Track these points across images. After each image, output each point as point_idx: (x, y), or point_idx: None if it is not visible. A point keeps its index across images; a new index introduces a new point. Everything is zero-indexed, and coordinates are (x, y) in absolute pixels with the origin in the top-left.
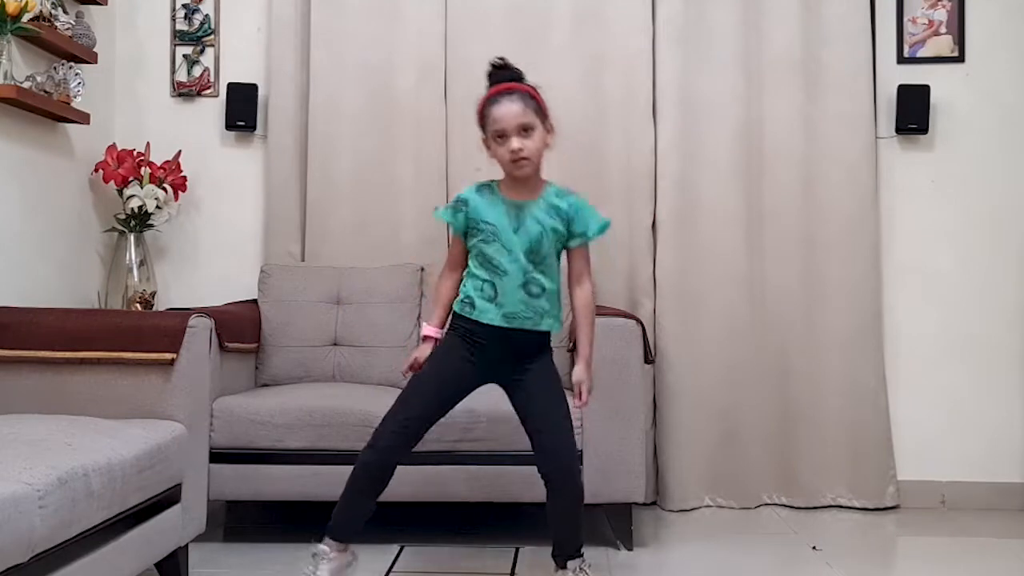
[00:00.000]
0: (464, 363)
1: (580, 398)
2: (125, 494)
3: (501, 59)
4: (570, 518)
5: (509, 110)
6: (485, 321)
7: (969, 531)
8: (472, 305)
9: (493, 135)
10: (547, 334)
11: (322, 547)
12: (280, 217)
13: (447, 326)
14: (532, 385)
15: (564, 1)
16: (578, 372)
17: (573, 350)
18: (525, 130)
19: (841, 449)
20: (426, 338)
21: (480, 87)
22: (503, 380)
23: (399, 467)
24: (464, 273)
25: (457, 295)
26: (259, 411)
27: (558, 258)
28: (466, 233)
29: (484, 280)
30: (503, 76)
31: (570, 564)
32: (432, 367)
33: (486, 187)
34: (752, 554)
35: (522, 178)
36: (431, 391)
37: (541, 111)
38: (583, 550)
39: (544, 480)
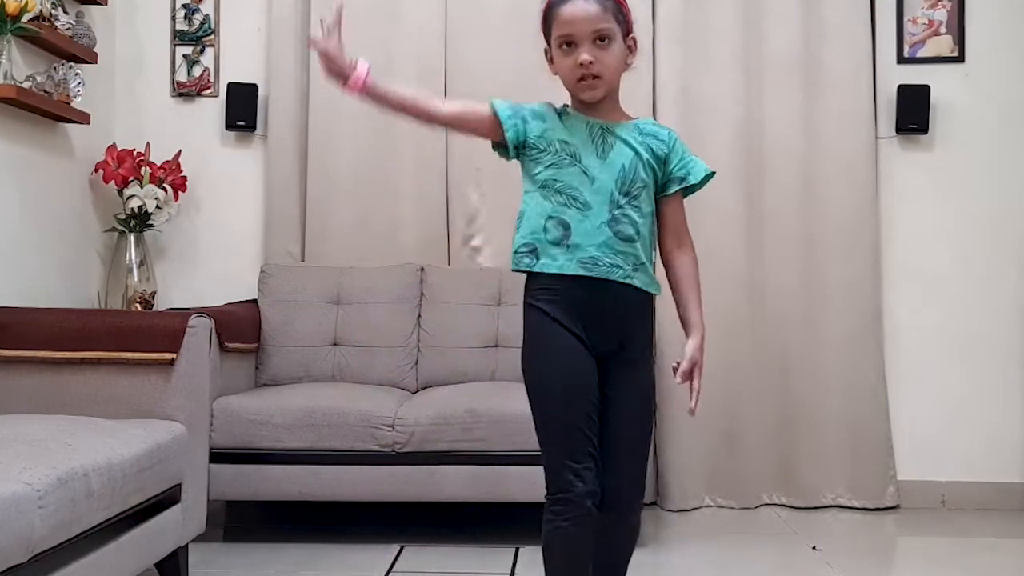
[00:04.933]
0: (574, 340)
1: (692, 380)
2: (125, 494)
3: None
4: (616, 564)
5: (583, 9)
6: (553, 271)
7: (969, 531)
8: (534, 253)
9: (559, 42)
10: (648, 298)
11: None
12: (280, 217)
13: (524, 298)
14: (623, 388)
15: None
16: (691, 348)
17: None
18: (601, 39)
19: (841, 449)
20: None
21: (481, 87)
22: (600, 359)
23: (398, 467)
24: (449, 111)
25: (413, 102)
26: (259, 411)
27: (654, 204)
28: (519, 152)
29: (551, 216)
30: None
31: None
32: (553, 367)
33: (562, 106)
34: (752, 554)
35: (592, 103)
36: (579, 395)
37: (625, 20)
38: None
39: (603, 518)
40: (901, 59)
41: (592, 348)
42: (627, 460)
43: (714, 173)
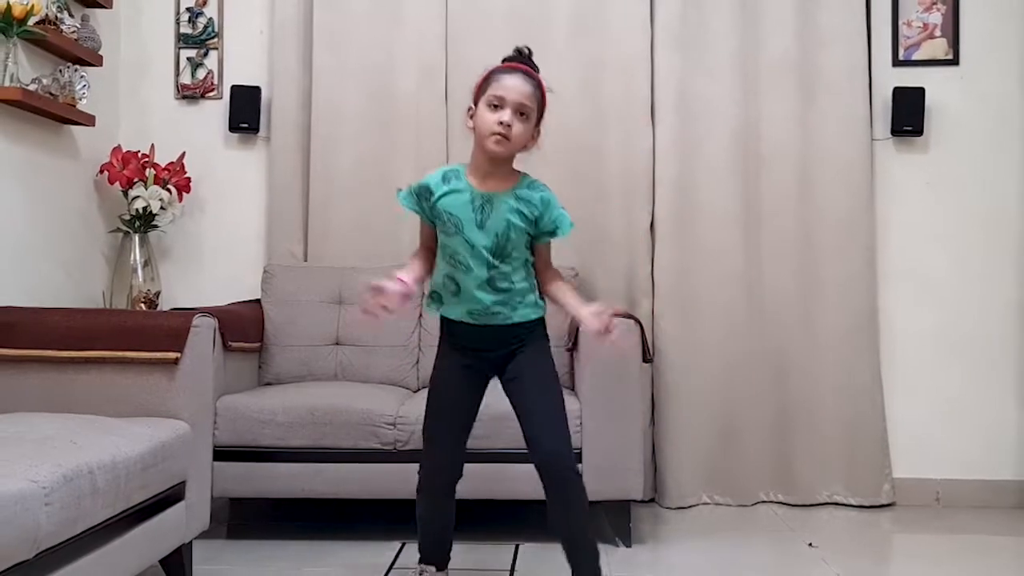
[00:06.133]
0: (456, 372)
1: (608, 329)
2: (130, 491)
3: (528, 48)
4: (573, 525)
5: (520, 85)
6: (453, 317)
7: (964, 528)
8: (439, 300)
9: (488, 100)
10: (530, 324)
11: (423, 565)
12: (283, 218)
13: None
14: (521, 370)
15: (563, 4)
16: (585, 315)
17: (573, 348)
18: (522, 113)
19: (837, 447)
20: (398, 280)
21: None
22: (499, 372)
23: (399, 464)
24: (433, 256)
25: (428, 263)
26: (262, 409)
27: (526, 251)
28: (431, 218)
29: (447, 275)
30: (523, 62)
31: None
32: (439, 389)
33: (452, 172)
34: (749, 551)
35: (494, 163)
36: (443, 428)
37: (541, 109)
38: (600, 563)
39: (539, 475)
40: (896, 62)
41: (482, 366)
42: (547, 419)
43: (573, 225)
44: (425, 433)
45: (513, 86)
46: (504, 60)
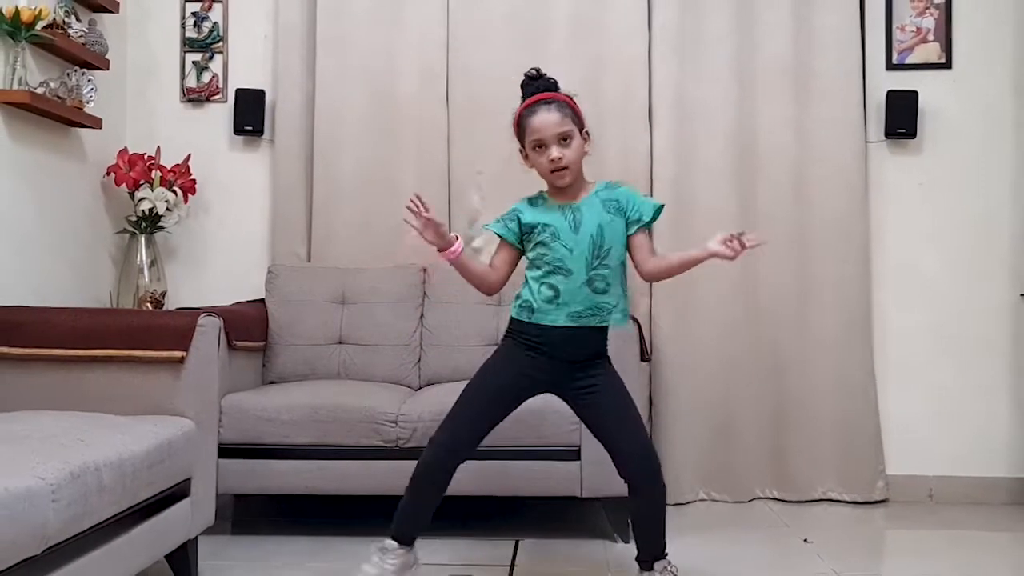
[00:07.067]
0: (520, 377)
1: (742, 244)
2: (136, 488)
3: (535, 70)
4: (655, 520)
5: (548, 120)
6: (547, 323)
7: (956, 524)
8: (531, 309)
9: (532, 145)
10: (605, 335)
11: (389, 542)
12: (286, 219)
13: (505, 332)
14: (602, 396)
15: (562, 9)
16: (700, 250)
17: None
18: (564, 139)
19: (832, 444)
20: (446, 250)
21: (481, 91)
22: (563, 390)
23: (401, 462)
24: (497, 276)
25: (485, 273)
26: (266, 408)
27: (623, 253)
28: (522, 243)
29: (544, 283)
30: (538, 86)
31: (657, 565)
32: (487, 378)
33: (537, 197)
34: (745, 546)
35: (564, 187)
36: (483, 405)
37: (578, 119)
38: (667, 551)
39: (628, 484)
40: (890, 66)
41: (543, 382)
42: (636, 437)
43: (663, 205)
44: (452, 409)
45: (544, 124)
46: (523, 91)
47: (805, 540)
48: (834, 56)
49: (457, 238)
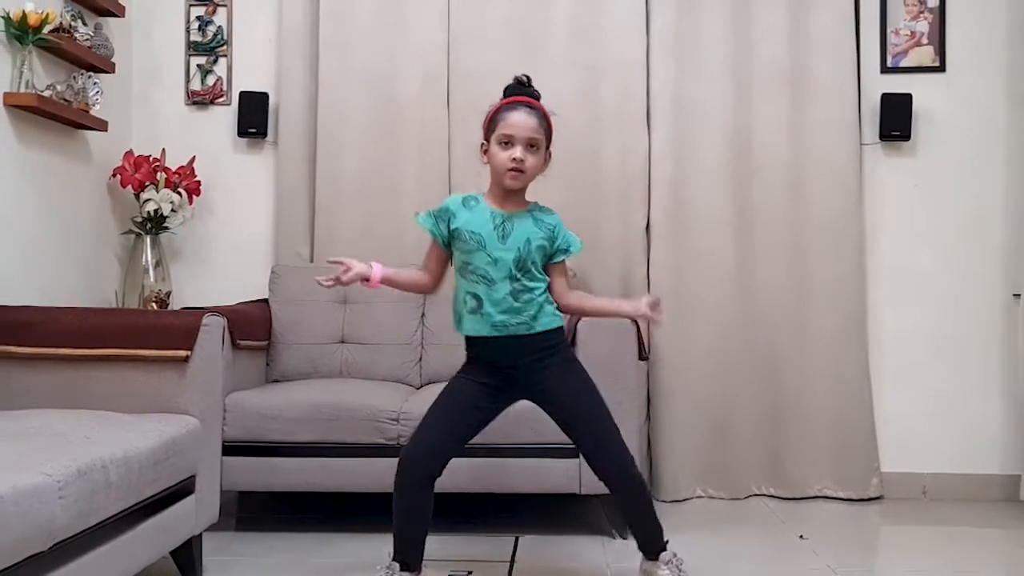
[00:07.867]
0: (473, 385)
1: (658, 311)
2: (141, 485)
3: (526, 76)
4: (642, 513)
5: (526, 120)
6: (472, 333)
7: (949, 521)
8: (459, 320)
9: (499, 139)
10: (552, 333)
11: (395, 562)
12: (290, 220)
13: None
14: (559, 395)
15: (561, 12)
16: (630, 305)
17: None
18: (532, 145)
19: (827, 442)
20: (370, 265)
21: (481, 94)
22: (527, 393)
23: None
24: (430, 278)
25: (415, 280)
26: (270, 406)
27: (542, 272)
28: (449, 244)
29: (467, 292)
30: (524, 92)
31: (662, 556)
32: (442, 396)
33: (471, 198)
34: (742, 543)
35: (510, 190)
36: (437, 422)
37: (548, 136)
38: (668, 542)
39: (603, 482)
40: (884, 69)
41: (504, 388)
42: (601, 433)
43: (582, 244)
44: (418, 426)
45: (520, 123)
46: (506, 91)
47: (801, 536)
48: (830, 59)
49: (371, 265)
